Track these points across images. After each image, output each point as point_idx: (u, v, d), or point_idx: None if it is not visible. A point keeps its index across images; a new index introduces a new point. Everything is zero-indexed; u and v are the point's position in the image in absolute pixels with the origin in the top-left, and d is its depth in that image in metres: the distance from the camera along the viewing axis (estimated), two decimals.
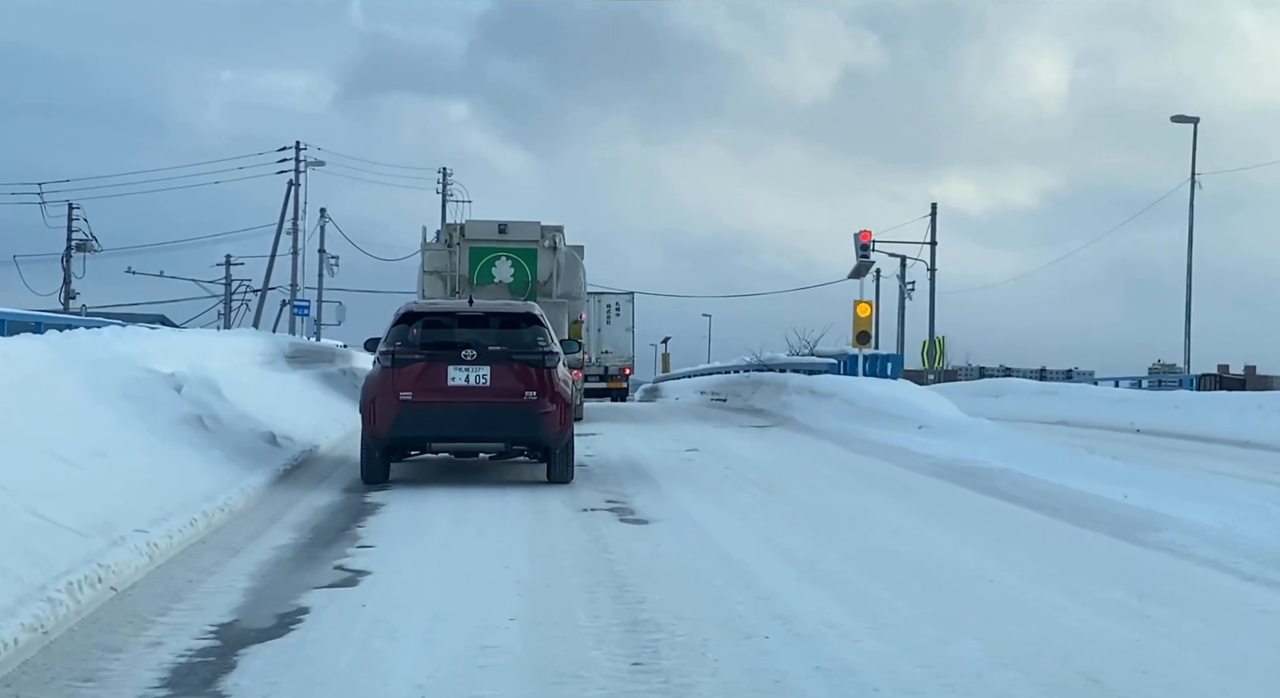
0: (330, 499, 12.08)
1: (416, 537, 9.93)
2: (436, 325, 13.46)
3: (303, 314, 50.41)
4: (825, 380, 23.54)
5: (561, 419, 12.87)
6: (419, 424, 12.67)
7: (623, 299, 53.74)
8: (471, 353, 12.73)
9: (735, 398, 31.98)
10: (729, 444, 18.99)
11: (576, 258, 26.57)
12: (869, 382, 22.70)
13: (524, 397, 12.73)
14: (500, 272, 25.23)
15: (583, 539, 9.91)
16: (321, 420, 18.62)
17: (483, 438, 13.06)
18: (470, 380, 12.68)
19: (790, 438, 20.54)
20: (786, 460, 16.68)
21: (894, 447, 17.73)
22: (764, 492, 13.14)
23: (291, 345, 23.89)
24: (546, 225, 25.93)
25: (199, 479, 10.99)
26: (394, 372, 12.72)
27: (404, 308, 13.73)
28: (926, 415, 19.79)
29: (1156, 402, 32.26)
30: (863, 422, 20.80)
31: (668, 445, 18.64)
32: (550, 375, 12.91)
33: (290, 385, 20.65)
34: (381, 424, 12.69)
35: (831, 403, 22.64)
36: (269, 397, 18.18)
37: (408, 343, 12.98)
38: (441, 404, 12.64)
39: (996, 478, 14.00)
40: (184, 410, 13.00)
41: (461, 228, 26.22)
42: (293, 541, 9.67)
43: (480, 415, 12.70)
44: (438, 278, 25.54)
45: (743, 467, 15.55)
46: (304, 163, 59.29)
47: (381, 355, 12.99)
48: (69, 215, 65.36)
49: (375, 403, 12.74)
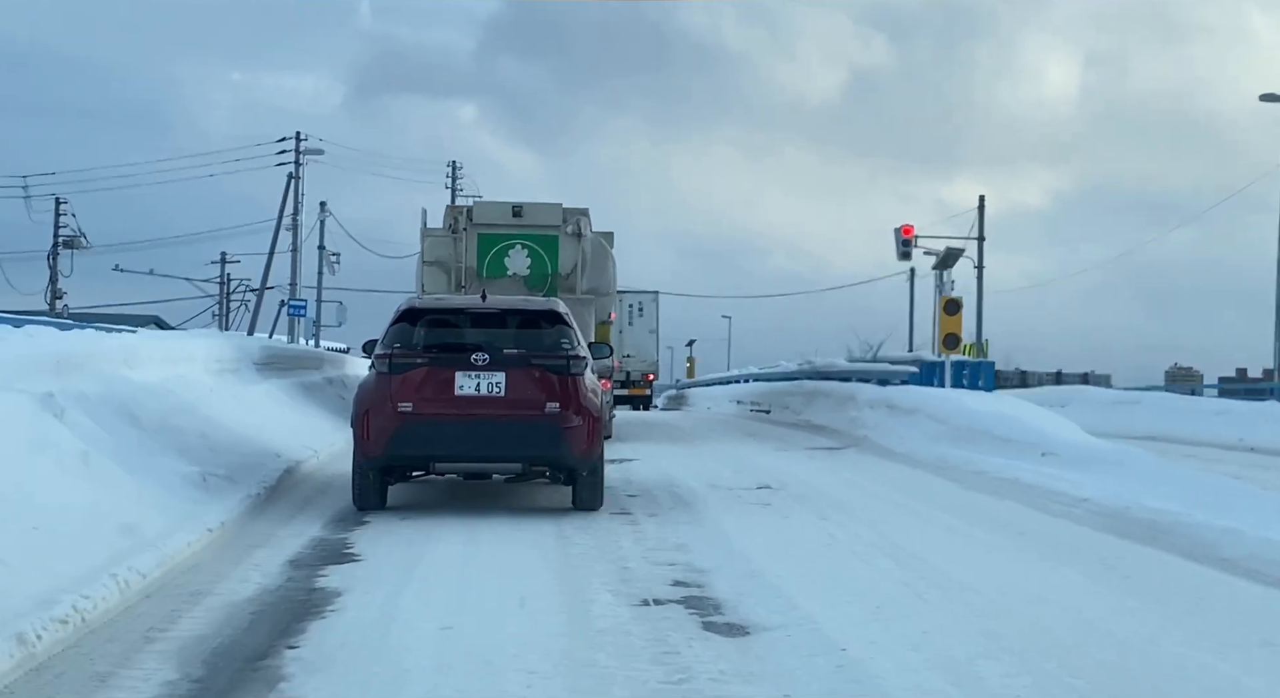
0: (261, 583, 8.09)
1: (375, 673, 5.93)
2: (443, 325, 11.88)
3: (299, 315, 46.50)
4: (907, 393, 19.52)
5: (589, 436, 11.22)
6: (421, 441, 11.02)
7: (646, 298, 49.44)
8: (484, 357, 11.09)
9: (783, 410, 27.94)
10: (804, 476, 14.98)
11: (605, 247, 22.33)
12: (966, 395, 18.72)
13: (545, 409, 11.11)
14: (515, 262, 21.23)
15: (654, 675, 5.93)
16: (288, 444, 14.67)
17: (497, 457, 11.28)
18: (482, 389, 11.05)
19: (876, 467, 16.52)
20: (890, 503, 12.68)
21: (1022, 483, 13.70)
22: (894, 562, 9.14)
23: (263, 350, 19.94)
24: (570, 208, 21.80)
25: (52, 566, 7.02)
26: (392, 378, 11.11)
27: (405, 304, 12.04)
28: (1048, 438, 15.76)
29: (1260, 414, 28.14)
30: (963, 445, 16.77)
31: (727, 477, 14.66)
32: (576, 384, 11.27)
33: (254, 400, 16.68)
34: (376, 441, 11.05)
35: (916, 421, 18.61)
36: (220, 416, 14.25)
37: (409, 345, 11.40)
38: (448, 417, 11.02)
39: (1210, 538, 9.95)
40: (67, 446, 9.04)
41: (469, 211, 22.07)
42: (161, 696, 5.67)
43: (493, 431, 11.04)
44: (440, 270, 21.42)
45: (841, 515, 11.56)
46: (304, 155, 55.53)
47: (377, 359, 11.36)
48: (56, 211, 61.74)
49: (369, 416, 11.10)
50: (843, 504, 12.36)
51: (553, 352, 11.35)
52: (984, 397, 18.80)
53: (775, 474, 15.09)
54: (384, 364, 11.17)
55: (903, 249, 54.11)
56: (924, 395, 19.12)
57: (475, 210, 22.05)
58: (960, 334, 19.63)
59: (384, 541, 9.86)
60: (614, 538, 10.12)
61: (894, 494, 13.44)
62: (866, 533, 10.53)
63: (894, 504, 12.59)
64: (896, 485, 14.28)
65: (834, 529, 10.70)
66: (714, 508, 11.95)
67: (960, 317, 19.74)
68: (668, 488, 13.58)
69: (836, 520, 11.20)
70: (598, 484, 11.57)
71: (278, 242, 55.50)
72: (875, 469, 16.14)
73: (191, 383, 14.37)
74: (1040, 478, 13.81)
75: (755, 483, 14.09)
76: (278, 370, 20.83)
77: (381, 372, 11.17)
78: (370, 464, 11.17)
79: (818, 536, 10.36)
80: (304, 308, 47.08)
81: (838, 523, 11.06)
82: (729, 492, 13.26)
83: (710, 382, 49.32)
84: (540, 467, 11.53)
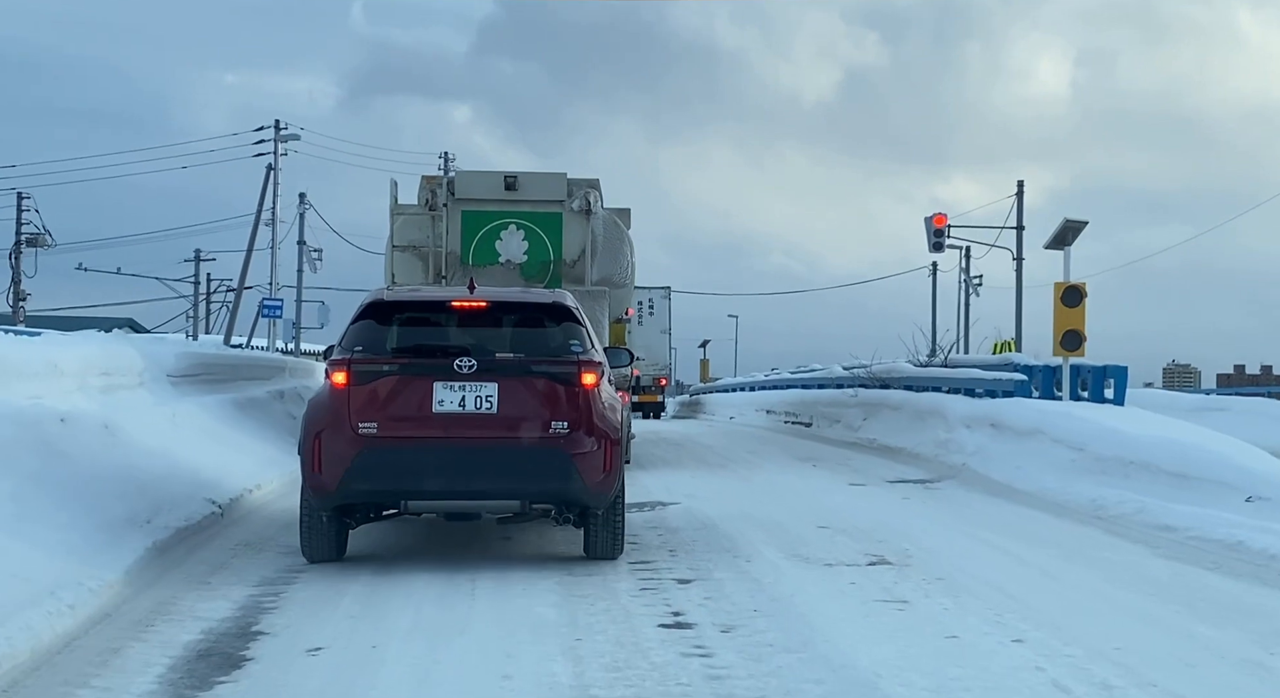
0: None
1: None
2: (419, 323, 9.79)
3: (274, 315, 42.06)
4: (1017, 409, 15.02)
5: (607, 464, 8.97)
6: (388, 473, 8.80)
7: (657, 294, 44.95)
8: (470, 363, 8.86)
9: (830, 424, 23.48)
10: (918, 533, 10.54)
11: (620, 226, 18.08)
12: (1101, 412, 14.25)
13: (550, 430, 8.90)
14: (508, 247, 17.22)
15: None
16: (172, 496, 10.23)
17: (487, 493, 8.99)
18: (468, 405, 8.85)
19: (1006, 515, 12.07)
20: (1085, 590, 8.30)
21: (1251, 549, 9.33)
22: None
23: (183, 358, 15.47)
24: (576, 178, 17.54)
25: None
26: (350, 392, 8.86)
27: (370, 296, 9.79)
28: (1248, 475, 11.34)
29: None
30: (1114, 482, 12.35)
31: (809, 535, 10.27)
32: (590, 398, 9.01)
33: (157, 425, 12.23)
34: (330, 473, 8.77)
35: (1037, 446, 14.14)
36: (90, 453, 9.84)
37: (374, 348, 9.15)
38: (423, 442, 8.84)
39: None
40: None
41: (449, 182, 17.75)
42: None
43: (483, 459, 8.85)
44: (414, 256, 17.46)
45: (1030, 622, 7.13)
46: (284, 141, 51.14)
47: (332, 367, 9.10)
48: (18, 206, 57.40)
49: (321, 441, 8.85)
50: (1017, 597, 7.92)
51: (560, 356, 9.07)
52: (1136, 416, 14.33)
53: (875, 529, 10.65)
54: (341, 373, 8.86)
55: (935, 240, 49.65)
56: (1044, 412, 14.64)
57: (458, 182, 17.72)
58: (1084, 331, 15.22)
59: (316, 622, 7.07)
60: (660, 673, 5.83)
61: (1073, 570, 9.02)
62: (1104, 669, 6.10)
63: (1094, 595, 8.18)
64: (1064, 550, 9.85)
65: (1041, 660, 6.27)
66: (817, 607, 7.56)
67: (1083, 308, 15.28)
68: (726, 557, 9.26)
69: (1035, 641, 6.75)
70: (617, 526, 9.28)
71: (256, 237, 51.46)
72: (1008, 520, 11.68)
73: (46, 408, 9.91)
74: (1274, 539, 9.44)
75: (857, 548, 9.67)
76: (207, 384, 16.39)
77: (337, 383, 8.84)
78: (322, 503, 8.88)
79: (1033, 683, 5.91)
80: (280, 308, 42.60)
81: (1040, 646, 6.61)
82: (827, 569, 8.83)
83: (729, 387, 44.70)
84: (544, 504, 9.13)
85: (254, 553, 9.45)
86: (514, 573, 8.73)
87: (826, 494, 13.62)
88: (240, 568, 8.80)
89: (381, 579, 8.47)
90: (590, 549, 9.30)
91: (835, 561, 9.14)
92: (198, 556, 9.09)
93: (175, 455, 11.38)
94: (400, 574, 8.65)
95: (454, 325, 9.70)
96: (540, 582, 8.38)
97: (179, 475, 10.71)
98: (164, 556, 8.69)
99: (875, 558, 9.22)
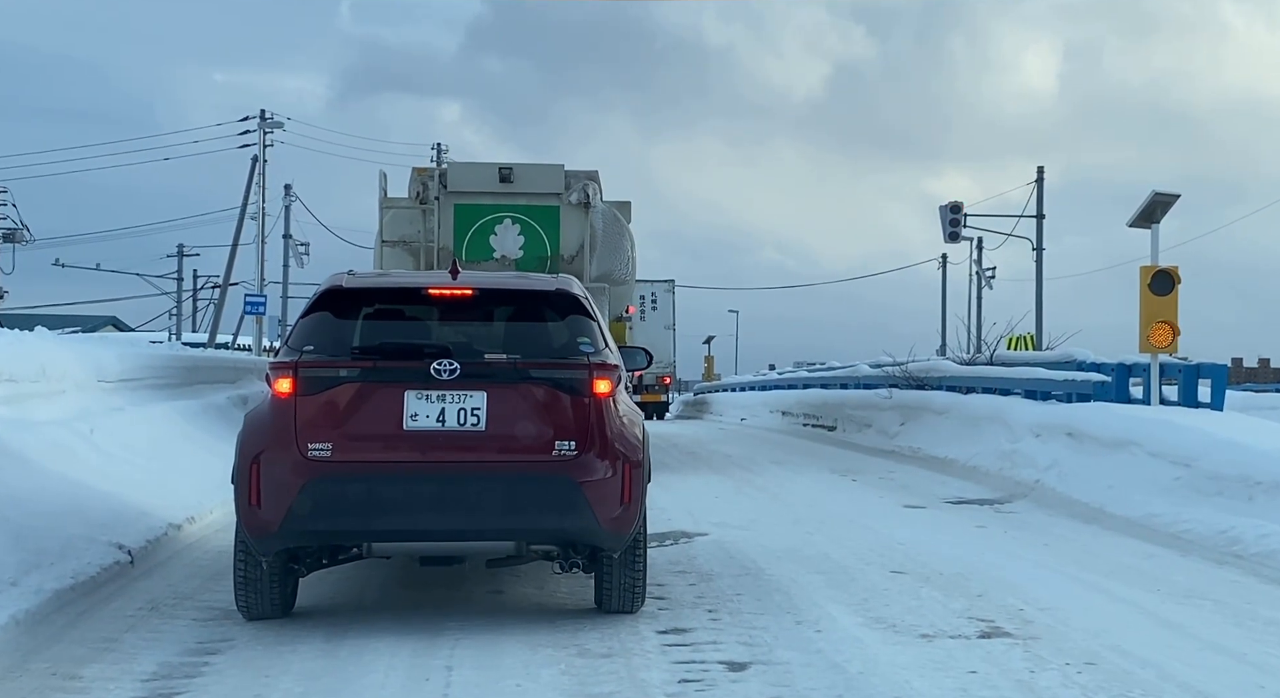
0: None
1: None
2: (388, 315, 7.78)
3: (257, 311, 39.89)
4: (1101, 416, 12.74)
5: (625, 494, 7.03)
6: (345, 508, 6.85)
7: (660, 288, 42.81)
8: (452, 366, 6.96)
9: (859, 428, 21.27)
10: (1021, 580, 8.32)
11: (620, 220, 17.28)
12: (1207, 420, 12.00)
13: (553, 451, 7.01)
14: (503, 242, 16.37)
15: None
16: (64, 541, 8.02)
17: (472, 532, 6.99)
18: (448, 419, 6.95)
19: (1116, 552, 9.84)
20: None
21: None
22: None
23: (125, 359, 13.25)
24: (574, 170, 16.76)
25: None
26: (298, 403, 6.94)
27: (328, 282, 7.74)
28: None
29: None
30: (1235, 507, 10.15)
31: (883, 588, 8.07)
32: (604, 410, 7.12)
33: (46, 451, 10.00)
34: (271, 509, 6.81)
35: (1129, 459, 11.90)
36: None
37: (329, 348, 7.20)
38: (391, 468, 6.93)
39: None
40: None
41: (442, 174, 16.94)
42: None
43: (468, 490, 6.94)
44: (404, 251, 16.43)
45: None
46: (269, 130, 49.03)
47: (275, 370, 7.15)
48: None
49: (259, 467, 6.88)
50: (1207, 694, 5.71)
51: (566, 358, 7.34)
52: (1232, 422, 12.11)
53: (965, 575, 8.42)
54: (285, 379, 7.07)
55: (951, 229, 47.65)
56: (1136, 420, 12.39)
57: (451, 174, 16.99)
58: (1177, 323, 12.99)
59: None
60: None
61: (1259, 647, 6.80)
62: None
63: None
64: (1223, 609, 7.66)
65: None
66: None
67: (1176, 296, 13.05)
68: (786, 622, 7.09)
69: None
70: (638, 573, 7.45)
71: (242, 232, 49.36)
72: (1121, 559, 9.44)
73: None
74: None
75: (954, 608, 7.43)
76: (156, 389, 14.19)
77: (280, 392, 7.07)
78: (262, 547, 7.06)
79: None
80: (264, 303, 40.46)
81: None
82: (926, 644, 6.59)
83: (738, 385, 42.40)
84: (544, 546, 7.39)
85: (164, 619, 7.24)
86: (505, 644, 6.59)
87: (881, 520, 11.39)
88: (137, 646, 6.57)
89: (339, 645, 6.62)
90: (604, 601, 7.54)
91: (933, 629, 6.90)
92: (82, 628, 6.84)
93: (83, 484, 9.20)
94: (359, 639, 6.69)
95: (433, 320, 8.01)
96: (542, 668, 6.16)
97: (82, 511, 8.51)
98: (30, 633, 6.46)
99: (985, 625, 6.98)
